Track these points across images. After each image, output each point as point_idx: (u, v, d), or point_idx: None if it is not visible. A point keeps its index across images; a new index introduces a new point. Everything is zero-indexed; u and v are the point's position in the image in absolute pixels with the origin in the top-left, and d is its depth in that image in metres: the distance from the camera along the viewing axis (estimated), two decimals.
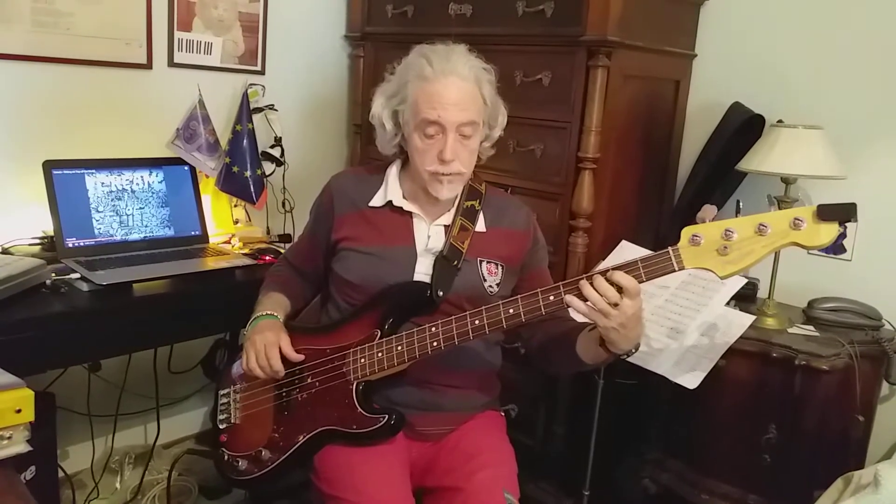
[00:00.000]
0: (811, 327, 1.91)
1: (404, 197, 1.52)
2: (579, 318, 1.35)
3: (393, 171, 1.55)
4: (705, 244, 1.19)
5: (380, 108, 1.49)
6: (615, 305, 1.22)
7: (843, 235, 2.07)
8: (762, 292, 2.03)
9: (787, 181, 1.91)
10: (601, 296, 1.22)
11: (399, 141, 1.50)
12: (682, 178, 2.35)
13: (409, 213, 1.52)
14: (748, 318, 1.67)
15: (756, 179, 2.10)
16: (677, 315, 1.70)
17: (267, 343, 1.46)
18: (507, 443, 1.55)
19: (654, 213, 2.33)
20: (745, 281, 1.89)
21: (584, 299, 1.25)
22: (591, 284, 1.24)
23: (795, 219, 1.15)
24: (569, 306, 1.27)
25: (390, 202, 1.51)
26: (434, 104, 1.38)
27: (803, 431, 1.79)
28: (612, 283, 1.23)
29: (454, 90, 1.38)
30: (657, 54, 2.15)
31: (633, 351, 1.33)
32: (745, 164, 1.93)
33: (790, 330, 1.88)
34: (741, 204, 1.82)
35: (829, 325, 1.92)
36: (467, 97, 1.40)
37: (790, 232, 1.16)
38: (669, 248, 1.22)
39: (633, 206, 2.23)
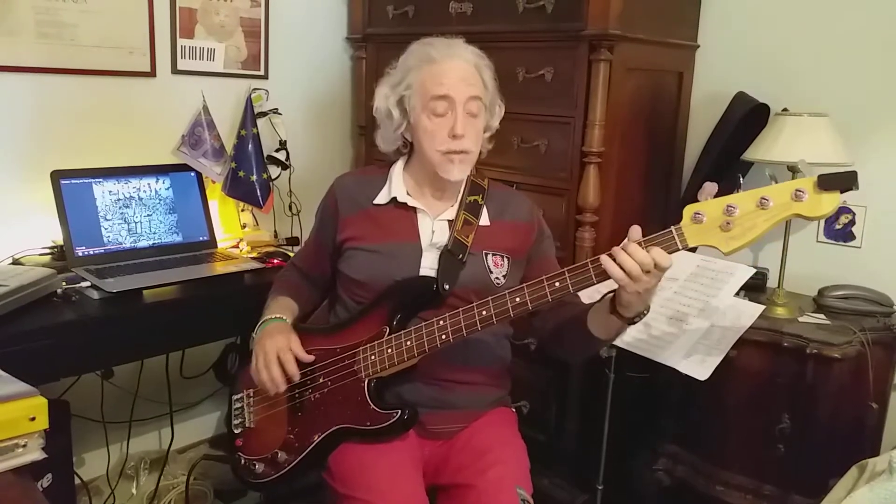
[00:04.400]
0: (822, 315, 1.90)
1: (408, 193, 1.53)
2: (588, 302, 1.35)
3: (397, 169, 1.57)
4: (708, 221, 1.19)
5: (384, 99, 1.51)
6: (647, 273, 1.21)
7: (845, 210, 2.07)
8: (771, 282, 2.02)
9: (793, 169, 1.89)
10: (637, 263, 1.20)
11: (404, 130, 1.51)
12: (688, 169, 2.34)
13: (413, 210, 1.53)
14: (758, 308, 1.66)
15: (762, 168, 2.08)
16: (686, 307, 1.69)
17: (279, 348, 1.46)
18: (519, 439, 1.55)
19: (661, 206, 2.32)
20: (754, 271, 1.88)
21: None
22: (626, 251, 1.22)
23: (797, 190, 1.14)
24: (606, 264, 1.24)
25: (394, 199, 1.52)
26: (442, 80, 1.43)
27: (817, 420, 1.78)
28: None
29: (459, 69, 1.44)
30: (659, 46, 2.14)
31: (645, 312, 1.32)
32: (750, 154, 1.93)
33: (801, 319, 1.87)
34: (741, 179, 1.81)
35: (840, 313, 1.91)
36: (472, 75, 1.46)
37: (792, 204, 1.15)
38: (672, 227, 1.22)
39: (639, 198, 2.23)
